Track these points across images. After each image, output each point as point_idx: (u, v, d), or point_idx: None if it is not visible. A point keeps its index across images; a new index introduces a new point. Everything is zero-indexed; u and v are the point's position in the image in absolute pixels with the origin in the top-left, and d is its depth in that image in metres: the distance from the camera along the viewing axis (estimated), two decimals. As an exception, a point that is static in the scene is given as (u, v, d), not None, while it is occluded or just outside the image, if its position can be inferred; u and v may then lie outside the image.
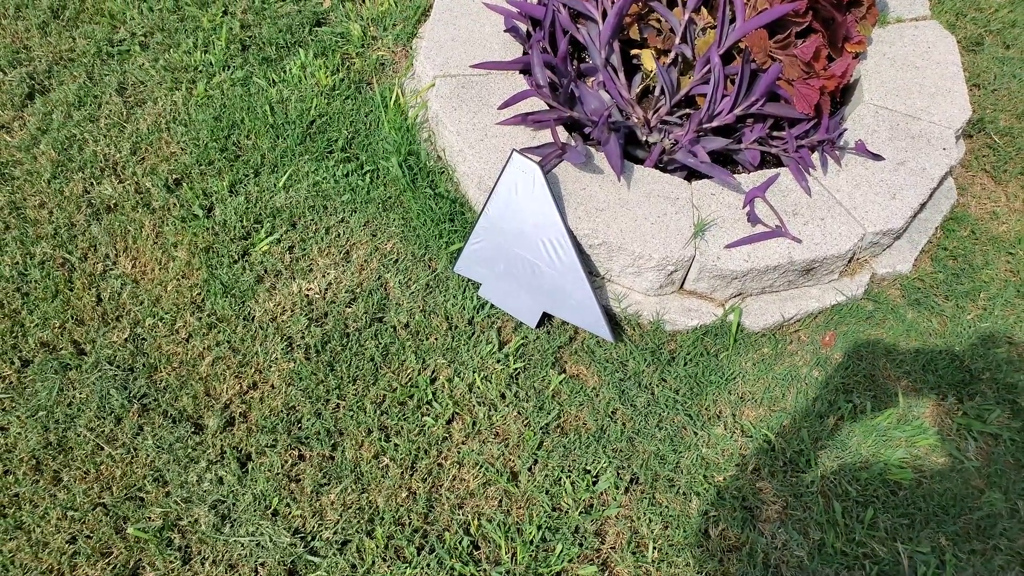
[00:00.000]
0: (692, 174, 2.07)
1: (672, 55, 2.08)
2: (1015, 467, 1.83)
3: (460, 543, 1.65)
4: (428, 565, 1.62)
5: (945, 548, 1.71)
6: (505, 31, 2.18)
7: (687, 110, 2.11)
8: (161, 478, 1.70)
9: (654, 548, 1.68)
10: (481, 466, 1.75)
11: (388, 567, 1.62)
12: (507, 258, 1.89)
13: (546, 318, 1.95)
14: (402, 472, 1.73)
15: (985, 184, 2.31)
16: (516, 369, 1.88)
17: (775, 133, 2.08)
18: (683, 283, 1.97)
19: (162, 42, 2.41)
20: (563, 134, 1.99)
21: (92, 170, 2.12)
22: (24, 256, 1.97)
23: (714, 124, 1.99)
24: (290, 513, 1.67)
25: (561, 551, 1.66)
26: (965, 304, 2.07)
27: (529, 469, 1.76)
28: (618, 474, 1.77)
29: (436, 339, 1.91)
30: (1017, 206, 2.25)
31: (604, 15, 2.07)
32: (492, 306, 1.96)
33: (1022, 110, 2.43)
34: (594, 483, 1.76)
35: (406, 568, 1.62)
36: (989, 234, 2.19)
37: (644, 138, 2.10)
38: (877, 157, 2.00)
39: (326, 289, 1.96)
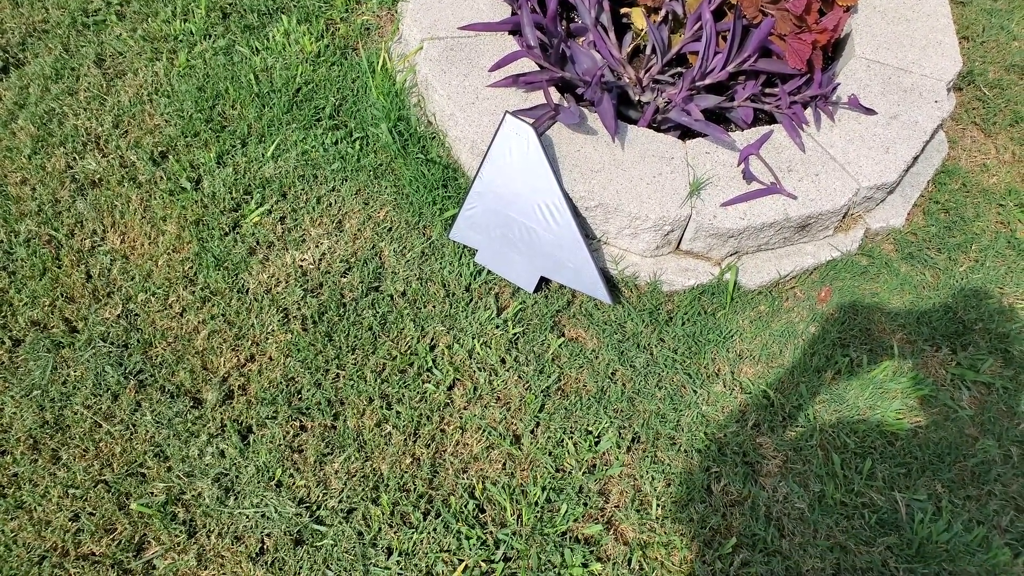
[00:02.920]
0: (686, 133, 2.05)
1: (663, 13, 2.06)
2: (1007, 414, 1.86)
3: (466, 507, 1.66)
4: (435, 529, 1.63)
5: (941, 495, 1.74)
6: (493, -9, 2.14)
7: (679, 68, 2.09)
8: (162, 453, 1.68)
9: (658, 505, 1.70)
10: (484, 430, 1.75)
11: (395, 533, 1.62)
12: (503, 223, 1.87)
13: (543, 282, 1.95)
14: (405, 439, 1.73)
15: (975, 137, 2.31)
16: (515, 334, 1.88)
17: (768, 90, 2.07)
18: (679, 243, 1.97)
19: (139, 11, 2.34)
20: (555, 95, 1.97)
21: (74, 144, 2.07)
22: (8, 234, 1.92)
23: (707, 82, 1.97)
24: (294, 483, 1.67)
25: (566, 511, 1.67)
26: (957, 256, 2.08)
27: (531, 432, 1.76)
28: (620, 434, 1.78)
29: (434, 307, 1.90)
30: (1007, 158, 2.26)
31: (593, -28, 2.03)
32: (489, 272, 1.95)
33: (1011, 62, 2.43)
34: (596, 443, 1.77)
35: (413, 533, 1.62)
36: (980, 186, 2.20)
37: (636, 98, 2.08)
38: (870, 111, 1.99)
39: (320, 259, 1.94)
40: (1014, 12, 2.57)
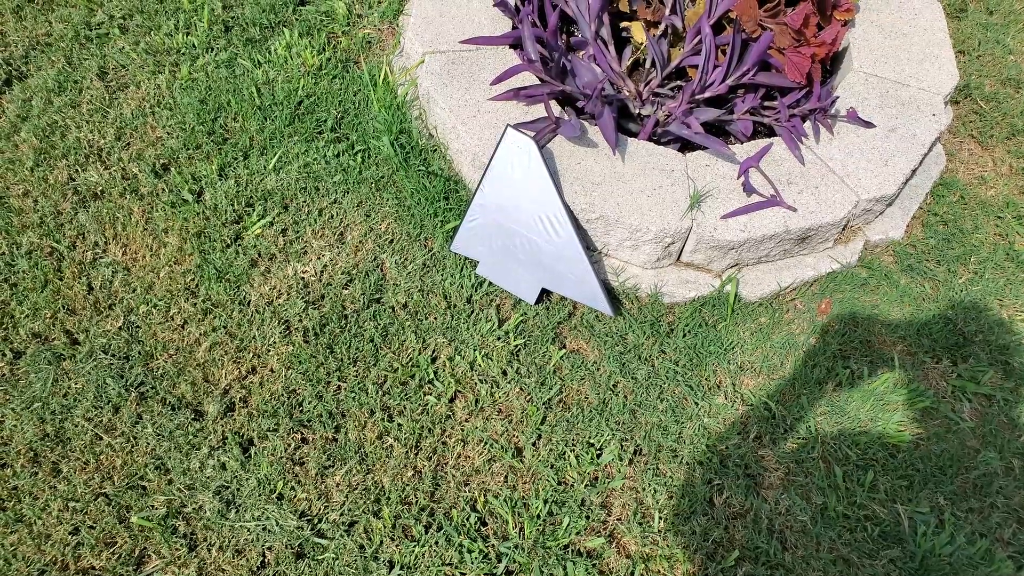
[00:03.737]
0: (686, 145, 2.07)
1: (662, 27, 2.07)
2: (1009, 426, 1.86)
3: (467, 520, 1.66)
4: (436, 543, 1.62)
5: (944, 507, 1.74)
6: (494, 5, 2.15)
7: (679, 82, 2.11)
8: (163, 466, 1.68)
9: (660, 518, 1.69)
10: (485, 443, 1.75)
11: (396, 546, 1.62)
12: (504, 235, 1.88)
13: (545, 294, 1.95)
14: (407, 451, 1.73)
15: (972, 149, 2.33)
16: (517, 346, 1.88)
17: (767, 103, 2.08)
18: (680, 255, 1.97)
19: (142, 24, 2.35)
20: (556, 108, 1.98)
21: (76, 157, 2.07)
22: (10, 246, 1.92)
23: (706, 95, 1.98)
24: (295, 496, 1.66)
25: (568, 524, 1.67)
26: (956, 268, 2.09)
27: (533, 444, 1.76)
28: (622, 446, 1.78)
29: (435, 318, 1.90)
30: (1004, 170, 2.28)
31: (594, -13, 2.05)
32: (490, 284, 1.95)
33: (1006, 75, 2.45)
34: (598, 456, 1.76)
35: (414, 546, 1.62)
36: (978, 199, 2.21)
37: (636, 111, 2.09)
38: (868, 124, 2.01)
39: (322, 271, 1.94)
40: (1009, 26, 2.59)
